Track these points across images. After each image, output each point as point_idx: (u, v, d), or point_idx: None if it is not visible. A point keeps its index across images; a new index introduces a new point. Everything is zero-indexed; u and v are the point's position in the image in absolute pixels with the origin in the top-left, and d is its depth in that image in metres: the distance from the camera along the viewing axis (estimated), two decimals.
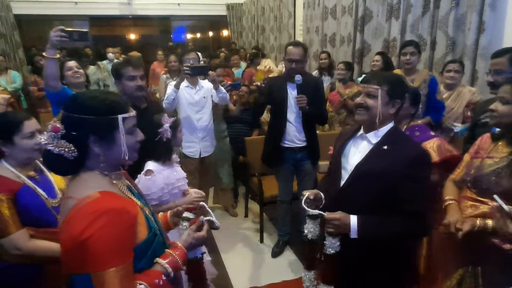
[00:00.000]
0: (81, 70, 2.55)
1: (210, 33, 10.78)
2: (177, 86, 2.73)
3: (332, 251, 1.41)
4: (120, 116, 1.00)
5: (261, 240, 3.17)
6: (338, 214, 1.39)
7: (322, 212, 1.42)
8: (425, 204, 1.38)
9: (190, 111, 2.89)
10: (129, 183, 1.15)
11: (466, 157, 1.69)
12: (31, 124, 1.49)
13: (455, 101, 2.88)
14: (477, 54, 2.95)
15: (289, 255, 2.97)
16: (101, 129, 0.98)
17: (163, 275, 1.01)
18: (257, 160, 3.32)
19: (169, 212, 1.36)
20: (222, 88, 2.92)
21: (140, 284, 0.95)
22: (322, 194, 1.55)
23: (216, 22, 9.99)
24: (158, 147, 1.82)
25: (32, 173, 1.51)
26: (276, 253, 2.96)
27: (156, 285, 0.97)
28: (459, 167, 1.72)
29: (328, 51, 4.75)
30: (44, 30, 2.05)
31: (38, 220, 1.45)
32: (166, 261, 1.03)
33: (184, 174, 1.95)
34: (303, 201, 1.47)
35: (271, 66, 6.07)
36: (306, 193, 1.50)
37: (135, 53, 6.92)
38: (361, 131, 1.50)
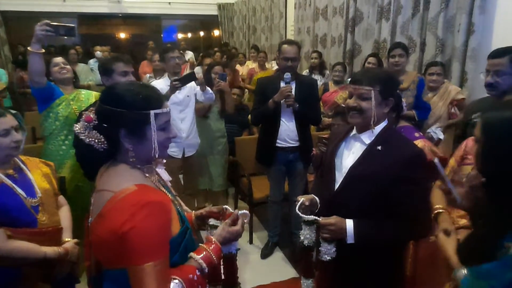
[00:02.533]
0: (68, 66, 2.49)
1: (201, 33, 10.73)
2: (167, 98, 2.64)
3: (328, 258, 1.35)
4: (152, 112, 0.97)
5: (251, 241, 3.13)
6: (333, 219, 1.33)
7: (317, 218, 1.36)
8: (421, 205, 1.32)
9: (174, 111, 2.78)
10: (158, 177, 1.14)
11: (452, 162, 1.64)
12: (5, 121, 1.43)
13: (441, 98, 2.91)
14: (467, 56, 2.98)
15: (278, 256, 2.94)
16: (132, 123, 0.96)
17: (197, 271, 0.99)
18: (247, 160, 3.29)
19: (193, 212, 1.32)
20: (209, 89, 2.88)
21: (174, 279, 0.93)
22: (317, 198, 1.50)
23: (207, 22, 9.94)
24: None
25: (10, 171, 1.46)
26: (265, 254, 2.92)
27: (190, 280, 0.96)
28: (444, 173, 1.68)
29: (319, 51, 4.76)
30: (31, 27, 1.99)
31: (16, 220, 1.40)
32: (200, 256, 1.01)
33: (169, 177, 1.91)
34: (297, 207, 1.42)
35: None
36: (301, 199, 1.45)
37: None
38: (354, 131, 1.45)
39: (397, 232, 1.32)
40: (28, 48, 2.05)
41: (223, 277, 1.24)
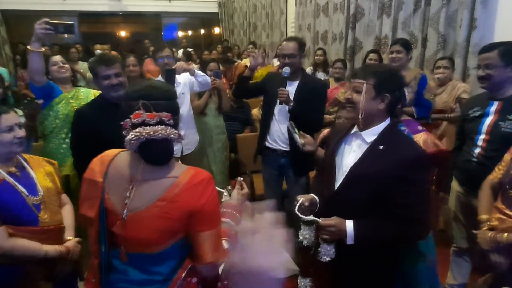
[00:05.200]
0: (67, 65, 2.48)
1: (202, 31, 10.70)
2: None
3: (327, 259, 1.35)
4: None
5: None
6: (333, 220, 1.32)
7: (316, 219, 1.36)
8: (421, 208, 1.29)
9: None
10: None
11: (506, 157, 1.57)
12: (9, 118, 1.43)
13: (449, 93, 2.90)
14: (469, 51, 2.97)
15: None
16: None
17: (232, 230, 1.19)
18: (248, 157, 3.28)
19: None
20: (200, 72, 2.78)
21: (223, 239, 1.14)
22: (316, 198, 1.49)
23: (207, 20, 9.93)
24: None
25: (12, 169, 1.45)
26: None
27: (231, 236, 1.17)
28: (498, 167, 1.60)
29: (324, 48, 4.73)
30: (32, 26, 1.98)
31: (17, 218, 1.39)
32: (229, 219, 1.22)
33: None
34: (296, 208, 1.41)
35: None
36: (300, 199, 1.44)
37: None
38: (355, 129, 1.42)
39: (396, 233, 1.30)
40: (28, 47, 2.05)
41: None
